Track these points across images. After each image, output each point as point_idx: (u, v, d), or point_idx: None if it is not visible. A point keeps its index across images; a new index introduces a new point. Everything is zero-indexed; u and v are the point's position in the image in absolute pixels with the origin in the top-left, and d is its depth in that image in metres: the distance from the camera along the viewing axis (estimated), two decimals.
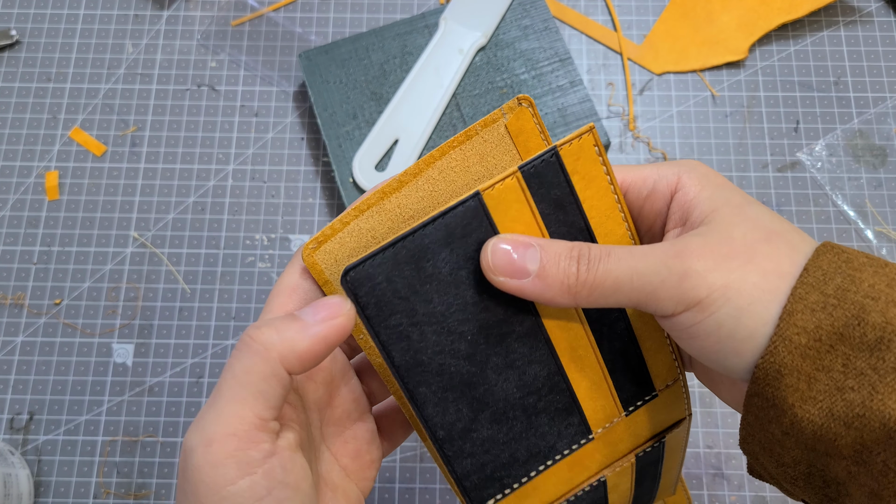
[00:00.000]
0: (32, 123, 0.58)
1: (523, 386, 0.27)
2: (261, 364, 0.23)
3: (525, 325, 0.27)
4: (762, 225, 0.25)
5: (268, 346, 0.23)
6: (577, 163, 0.26)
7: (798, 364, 0.23)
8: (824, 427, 0.22)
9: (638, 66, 0.59)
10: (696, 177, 0.27)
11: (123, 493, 0.50)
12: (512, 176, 0.25)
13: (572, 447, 0.29)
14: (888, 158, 0.56)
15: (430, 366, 0.26)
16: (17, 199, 0.56)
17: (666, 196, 0.27)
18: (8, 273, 0.54)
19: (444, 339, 0.26)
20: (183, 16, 0.61)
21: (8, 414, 0.51)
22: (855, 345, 0.22)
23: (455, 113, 0.54)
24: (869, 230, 0.54)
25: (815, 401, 0.23)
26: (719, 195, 0.26)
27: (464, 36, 0.56)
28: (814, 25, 0.59)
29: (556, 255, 0.25)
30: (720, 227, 0.25)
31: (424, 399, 0.26)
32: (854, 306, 0.22)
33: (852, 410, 0.22)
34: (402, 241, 0.24)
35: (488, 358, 0.26)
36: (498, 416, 0.27)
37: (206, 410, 0.23)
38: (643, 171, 0.28)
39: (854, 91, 0.57)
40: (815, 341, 0.22)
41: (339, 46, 0.56)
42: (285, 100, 0.58)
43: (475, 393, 0.26)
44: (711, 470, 0.49)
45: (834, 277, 0.23)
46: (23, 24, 0.60)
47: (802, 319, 0.23)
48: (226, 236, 0.55)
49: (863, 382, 0.22)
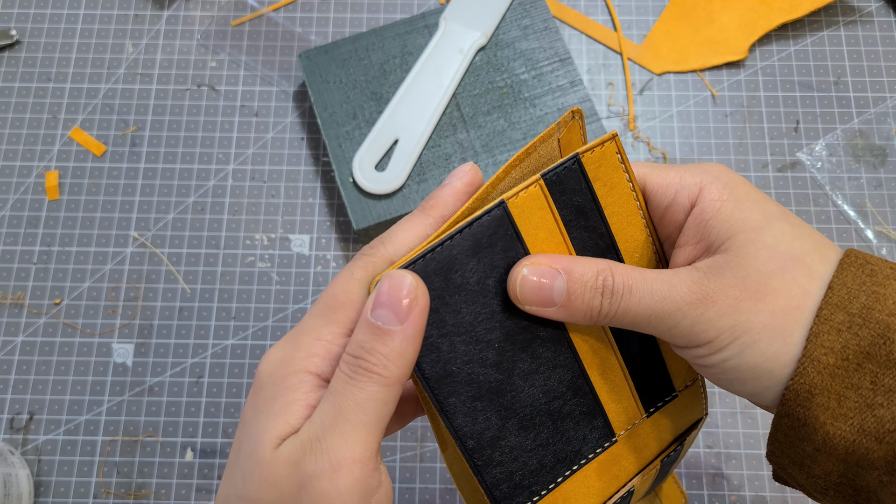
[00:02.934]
0: (32, 123, 0.58)
1: (549, 391, 0.27)
2: (384, 392, 0.23)
3: (549, 330, 0.27)
4: (780, 251, 0.25)
5: (389, 373, 0.23)
6: (599, 170, 0.26)
7: (828, 383, 0.23)
8: (856, 443, 0.23)
9: (638, 66, 0.59)
10: (717, 189, 0.26)
11: (123, 493, 0.50)
12: (535, 184, 0.25)
13: (597, 451, 0.29)
14: (888, 158, 0.56)
15: (460, 376, 0.26)
16: (17, 199, 0.56)
17: (686, 208, 0.27)
18: (8, 273, 0.54)
19: (472, 348, 0.26)
20: (183, 16, 0.61)
21: (8, 414, 0.51)
22: (882, 362, 0.23)
23: (455, 113, 0.54)
24: (869, 230, 0.54)
25: (845, 418, 0.23)
26: (739, 215, 0.26)
27: (464, 36, 0.56)
28: (814, 25, 0.59)
29: (582, 286, 0.26)
30: (736, 260, 0.25)
31: (455, 409, 0.26)
32: (879, 325, 0.23)
33: (883, 426, 0.23)
34: (431, 253, 0.24)
35: (515, 364, 0.26)
36: (525, 422, 0.27)
37: (324, 433, 0.23)
38: (666, 177, 0.28)
39: (854, 91, 0.57)
40: (843, 360, 0.23)
41: (339, 46, 0.56)
42: (285, 100, 0.58)
43: (503, 400, 0.26)
44: (711, 470, 0.49)
45: (858, 296, 0.24)
46: (23, 24, 0.60)
47: (829, 340, 0.23)
48: (226, 236, 0.55)
49: (892, 399, 0.23)
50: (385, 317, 0.23)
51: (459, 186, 0.27)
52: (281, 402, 0.24)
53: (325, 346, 0.25)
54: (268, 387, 0.25)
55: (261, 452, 0.23)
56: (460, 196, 0.27)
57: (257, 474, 0.23)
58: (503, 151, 0.53)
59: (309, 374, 0.24)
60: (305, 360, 0.24)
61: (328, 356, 0.25)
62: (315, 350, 0.25)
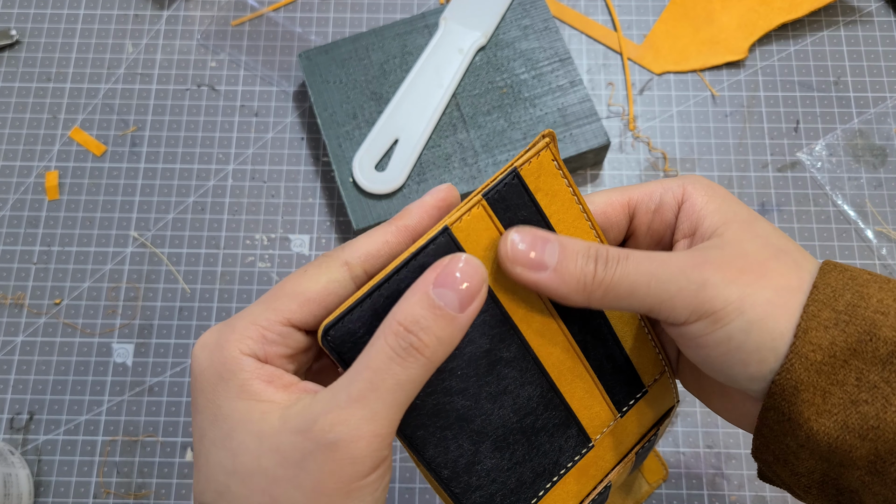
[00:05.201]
0: (32, 123, 0.58)
1: (519, 409, 0.27)
2: (424, 376, 0.23)
3: (512, 350, 0.26)
4: (770, 242, 0.25)
5: (436, 358, 0.23)
6: (539, 180, 0.26)
7: (814, 380, 0.23)
8: (839, 439, 0.23)
9: (638, 65, 0.59)
10: (701, 188, 0.27)
11: (123, 493, 0.50)
12: (477, 205, 0.25)
13: (575, 458, 0.29)
14: (888, 158, 0.56)
15: (424, 408, 0.25)
16: (17, 199, 0.56)
17: (674, 207, 0.28)
18: (8, 273, 0.54)
19: (433, 379, 0.25)
20: (183, 16, 0.61)
21: (8, 414, 0.51)
22: (867, 359, 0.23)
23: (455, 113, 0.54)
24: (869, 230, 0.54)
25: (830, 414, 0.23)
26: (727, 208, 0.27)
27: (464, 36, 0.56)
28: (814, 25, 0.59)
29: (575, 252, 0.25)
30: (733, 242, 0.25)
31: (423, 442, 0.26)
32: (865, 322, 0.23)
33: (867, 423, 0.23)
34: (378, 290, 0.24)
35: (481, 389, 0.26)
36: (499, 443, 0.27)
37: (350, 405, 0.22)
38: (648, 187, 0.28)
39: (854, 91, 0.57)
40: (829, 357, 0.23)
41: (339, 46, 0.56)
42: (285, 100, 0.58)
43: (473, 426, 0.26)
44: (711, 470, 0.49)
45: (843, 294, 0.24)
46: (23, 24, 0.60)
47: (817, 337, 0.23)
48: (226, 236, 0.55)
49: (876, 395, 0.23)
50: (449, 299, 0.23)
51: (429, 201, 0.26)
52: (236, 383, 0.23)
53: (260, 330, 0.24)
54: (210, 370, 0.24)
55: (256, 425, 0.23)
56: (429, 210, 0.26)
57: (254, 445, 0.23)
58: (503, 151, 0.53)
59: (244, 356, 0.24)
60: (239, 342, 0.24)
61: (261, 339, 0.24)
62: (249, 333, 0.24)
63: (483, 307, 0.25)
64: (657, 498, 0.49)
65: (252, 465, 0.23)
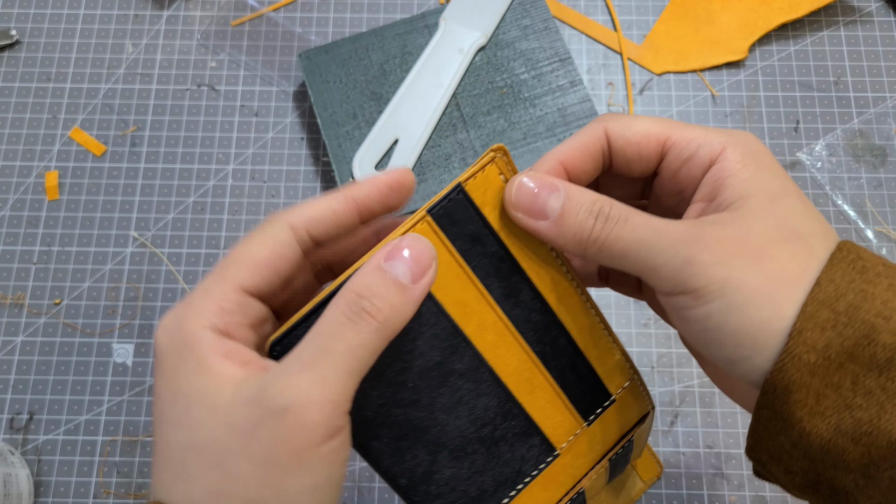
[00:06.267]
0: (32, 123, 0.58)
1: (476, 419, 0.27)
2: (378, 342, 0.23)
3: (465, 362, 0.27)
4: (787, 224, 0.24)
5: (389, 325, 0.23)
6: (486, 194, 0.26)
7: (807, 380, 0.23)
8: (832, 442, 0.23)
9: (638, 65, 0.59)
10: (740, 153, 0.26)
11: (123, 493, 0.50)
12: (422, 221, 0.25)
13: (539, 467, 0.29)
14: (888, 158, 0.56)
15: (377, 420, 0.26)
16: (17, 199, 0.56)
17: (704, 165, 0.26)
18: (8, 273, 0.54)
19: (385, 391, 0.25)
20: (183, 16, 0.61)
21: (8, 414, 0.51)
22: (865, 364, 0.22)
23: (455, 113, 0.54)
24: (869, 230, 0.54)
25: (823, 416, 0.23)
26: (757, 180, 0.25)
27: (464, 36, 0.56)
28: (814, 25, 0.59)
29: (578, 205, 0.25)
30: (742, 219, 0.24)
31: (378, 452, 0.26)
32: (865, 326, 0.22)
33: (860, 428, 0.22)
34: (320, 308, 0.24)
35: (434, 400, 0.26)
36: (457, 452, 0.27)
37: (301, 371, 0.22)
38: (690, 133, 0.27)
39: (854, 91, 0.57)
40: (824, 359, 0.23)
41: (339, 46, 0.56)
42: (285, 100, 0.58)
43: (428, 436, 0.26)
44: (711, 470, 0.49)
45: (846, 293, 0.23)
46: (23, 24, 0.60)
47: (812, 338, 0.23)
48: (226, 236, 0.55)
49: (871, 401, 0.22)
50: (400, 271, 0.23)
51: (383, 178, 0.26)
52: (194, 360, 0.23)
53: (216, 302, 0.24)
54: (170, 351, 0.24)
55: (211, 398, 0.22)
56: (380, 187, 0.26)
57: (209, 418, 0.22)
58: None
59: (203, 330, 0.23)
60: (198, 317, 0.24)
61: (219, 311, 0.24)
62: (207, 307, 0.24)
63: (433, 320, 0.26)
64: (657, 498, 0.49)
65: (206, 438, 0.22)
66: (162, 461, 0.23)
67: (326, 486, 0.23)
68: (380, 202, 0.26)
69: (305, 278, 0.28)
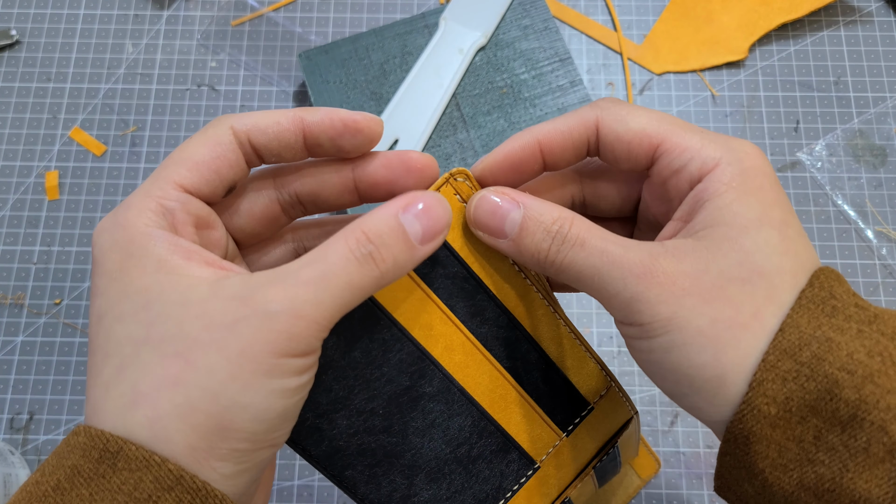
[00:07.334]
0: (32, 123, 0.58)
1: (451, 440, 0.27)
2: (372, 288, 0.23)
3: (434, 385, 0.27)
4: (751, 260, 0.23)
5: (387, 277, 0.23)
6: None
7: (767, 433, 0.22)
8: (795, 495, 0.22)
9: (638, 66, 0.59)
10: (731, 172, 0.24)
11: None
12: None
13: (520, 481, 0.29)
14: (888, 158, 0.56)
15: (349, 449, 0.26)
16: (17, 199, 0.56)
17: (694, 179, 0.24)
18: (8, 273, 0.54)
19: (355, 420, 0.25)
20: (183, 16, 0.61)
21: (8, 414, 0.51)
22: (827, 419, 0.21)
23: (455, 113, 0.54)
24: (869, 230, 0.54)
25: (785, 469, 0.22)
26: (735, 206, 0.23)
27: (464, 36, 0.56)
28: (814, 25, 0.59)
29: (536, 224, 0.25)
30: (704, 251, 0.23)
31: (353, 481, 0.26)
32: (827, 380, 0.21)
33: (823, 484, 0.22)
34: None
35: (406, 424, 0.26)
36: (434, 474, 0.27)
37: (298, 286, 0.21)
38: (686, 141, 0.25)
39: (854, 91, 0.57)
40: (785, 412, 0.22)
41: (339, 46, 0.56)
42: (285, 100, 0.58)
43: (403, 460, 0.26)
44: (711, 470, 0.49)
45: (810, 343, 0.22)
46: (23, 24, 0.60)
47: (773, 389, 0.22)
48: None
49: (834, 458, 0.21)
50: (413, 228, 0.23)
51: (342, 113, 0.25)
52: (152, 259, 0.22)
53: (156, 199, 0.23)
54: (114, 250, 0.23)
55: (180, 294, 0.22)
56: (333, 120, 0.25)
57: (177, 312, 0.21)
58: None
59: (151, 229, 0.23)
60: (140, 216, 0.23)
61: (160, 210, 0.23)
62: (147, 205, 0.23)
63: (398, 345, 0.26)
64: (657, 498, 0.49)
65: (171, 331, 0.21)
66: (101, 359, 0.22)
67: (293, 401, 0.22)
68: (328, 136, 0.25)
69: (270, 207, 0.27)
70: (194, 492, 0.20)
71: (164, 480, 0.20)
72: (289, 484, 0.49)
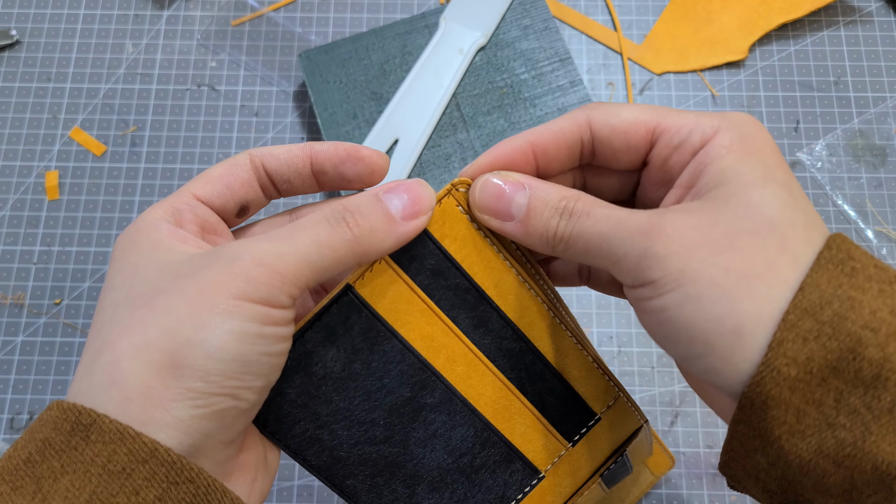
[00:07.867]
0: (32, 123, 0.58)
1: (453, 450, 0.27)
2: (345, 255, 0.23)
3: (436, 395, 0.27)
4: (761, 214, 0.23)
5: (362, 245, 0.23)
6: (445, 227, 0.26)
7: (786, 396, 0.21)
8: (812, 463, 0.21)
9: (638, 66, 0.59)
10: (731, 137, 0.24)
11: None
12: (379, 260, 0.25)
13: (524, 490, 0.29)
14: (888, 158, 0.56)
15: (350, 459, 0.26)
16: (17, 199, 0.56)
17: (696, 148, 0.24)
18: (8, 273, 0.54)
19: (356, 431, 0.26)
20: (183, 16, 0.61)
21: (8, 414, 0.51)
22: (849, 380, 0.21)
23: (455, 113, 0.54)
24: (869, 230, 0.54)
25: (803, 435, 0.21)
26: (739, 165, 0.23)
27: (464, 36, 0.56)
28: (814, 25, 0.59)
29: (543, 204, 0.25)
30: (712, 207, 0.23)
31: (355, 490, 0.26)
32: (850, 338, 0.21)
33: (843, 450, 0.21)
34: (340, 298, 0.24)
35: (408, 435, 0.26)
36: (436, 484, 0.27)
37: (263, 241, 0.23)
38: (681, 119, 0.25)
39: (854, 91, 0.57)
40: (805, 374, 0.21)
41: (339, 46, 0.56)
42: (285, 100, 0.58)
43: (405, 470, 0.27)
44: (711, 470, 0.49)
45: (832, 301, 0.21)
46: (23, 24, 0.60)
47: (793, 349, 0.21)
48: None
49: (856, 421, 0.21)
50: (394, 204, 0.24)
51: (348, 145, 0.27)
52: (149, 241, 0.24)
53: (170, 202, 0.25)
54: (123, 244, 0.24)
55: (163, 261, 0.23)
56: (338, 149, 0.27)
57: (155, 274, 0.23)
58: None
59: (157, 220, 0.24)
60: (152, 213, 0.25)
61: (170, 209, 0.25)
62: (161, 207, 0.25)
63: (399, 357, 0.26)
64: (657, 498, 0.49)
65: (145, 288, 0.22)
66: (91, 336, 0.23)
67: (254, 349, 0.22)
68: (332, 163, 0.27)
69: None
70: (169, 464, 0.21)
71: (138, 453, 0.20)
72: (289, 484, 0.49)
